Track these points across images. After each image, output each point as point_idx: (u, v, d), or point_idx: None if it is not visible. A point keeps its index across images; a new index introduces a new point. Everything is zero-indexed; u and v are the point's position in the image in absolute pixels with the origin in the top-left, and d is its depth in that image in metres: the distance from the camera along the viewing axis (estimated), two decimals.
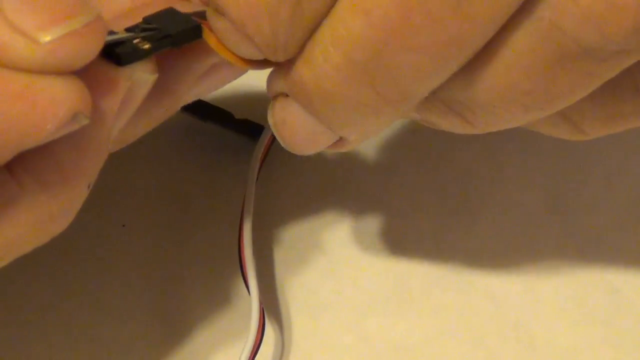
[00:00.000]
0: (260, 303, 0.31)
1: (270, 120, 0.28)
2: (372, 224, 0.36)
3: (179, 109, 0.29)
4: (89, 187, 0.26)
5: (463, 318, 0.34)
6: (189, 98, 0.29)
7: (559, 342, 0.34)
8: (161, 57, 0.26)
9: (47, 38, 0.22)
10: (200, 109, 0.36)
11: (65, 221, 0.26)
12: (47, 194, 0.25)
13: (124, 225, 0.36)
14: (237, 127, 0.36)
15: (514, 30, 0.24)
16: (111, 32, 0.25)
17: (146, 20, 0.26)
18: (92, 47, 0.23)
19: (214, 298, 0.34)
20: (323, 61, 0.25)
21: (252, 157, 0.33)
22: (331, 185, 0.36)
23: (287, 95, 0.27)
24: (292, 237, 0.35)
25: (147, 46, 0.25)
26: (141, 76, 0.26)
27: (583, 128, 0.27)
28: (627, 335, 0.34)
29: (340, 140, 0.27)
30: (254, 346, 0.31)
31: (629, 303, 0.34)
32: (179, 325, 0.33)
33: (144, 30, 0.26)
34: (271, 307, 0.34)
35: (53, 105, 0.23)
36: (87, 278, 0.34)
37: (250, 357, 0.31)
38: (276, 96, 0.27)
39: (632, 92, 0.26)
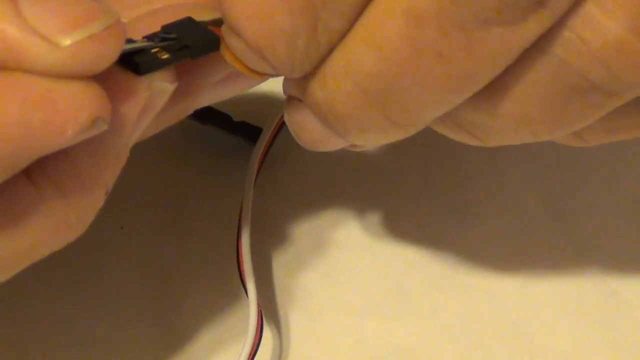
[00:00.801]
0: (258, 306, 0.31)
1: (286, 119, 0.28)
2: (371, 225, 0.36)
3: (192, 111, 0.29)
4: (106, 193, 0.26)
5: (461, 320, 0.34)
6: (205, 102, 0.29)
7: (557, 344, 0.34)
8: (181, 62, 0.26)
9: (67, 42, 0.23)
10: (198, 112, 0.35)
11: (81, 227, 0.26)
12: (65, 200, 0.25)
13: (122, 227, 0.36)
14: (235, 129, 0.36)
15: (525, 65, 0.24)
16: (130, 41, 0.25)
17: (165, 29, 0.26)
18: (112, 51, 0.23)
19: (212, 301, 0.34)
20: (335, 87, 0.25)
21: (250, 159, 0.33)
22: (330, 187, 0.36)
23: (301, 100, 0.27)
24: (290, 239, 0.35)
25: (165, 56, 0.25)
26: (160, 85, 0.26)
27: (586, 138, 0.28)
28: (625, 337, 0.34)
29: (354, 144, 0.28)
30: (252, 349, 0.31)
31: (628, 305, 0.34)
32: (176, 327, 0.33)
33: (163, 39, 0.26)
34: (269, 310, 0.34)
35: (74, 110, 0.23)
36: (85, 280, 0.34)
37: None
38: (291, 97, 0.27)
39: (634, 106, 0.26)
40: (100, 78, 0.24)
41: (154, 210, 0.36)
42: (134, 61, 0.25)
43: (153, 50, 0.25)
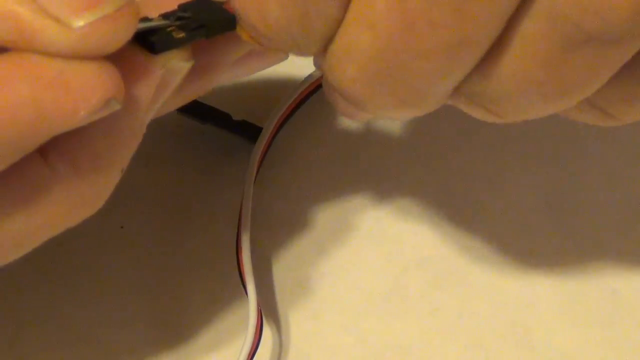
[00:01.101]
0: (258, 304, 0.31)
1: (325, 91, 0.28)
2: (371, 224, 0.36)
3: (211, 88, 0.29)
4: (122, 171, 0.26)
5: (462, 319, 0.34)
6: (225, 80, 0.29)
7: (557, 342, 0.34)
8: (197, 41, 0.26)
9: (79, 23, 0.23)
10: (198, 110, 0.35)
11: (97, 204, 0.26)
12: (80, 179, 0.25)
13: (122, 227, 0.36)
14: (235, 128, 0.36)
15: (518, 22, 0.24)
16: (146, 19, 0.25)
17: (181, 7, 0.26)
18: (124, 31, 0.23)
19: (212, 299, 0.34)
20: (340, 71, 0.25)
21: (250, 158, 0.33)
22: (330, 186, 0.36)
23: None
24: (290, 238, 0.35)
25: (181, 35, 0.25)
26: (176, 64, 0.26)
27: (612, 113, 0.27)
28: (625, 336, 0.34)
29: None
30: (251, 347, 0.31)
31: (628, 304, 0.34)
32: (176, 326, 0.33)
33: (179, 18, 0.26)
34: (269, 309, 0.34)
35: (86, 91, 0.23)
36: (84, 279, 0.34)
37: (248, 359, 0.31)
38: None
39: None
40: (115, 57, 0.24)
41: (154, 210, 0.36)
42: (149, 40, 0.25)
43: (169, 29, 0.25)
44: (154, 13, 0.26)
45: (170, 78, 0.26)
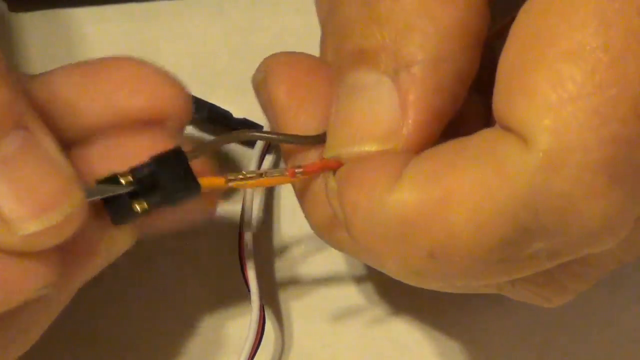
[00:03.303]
0: (261, 301, 0.31)
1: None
2: None
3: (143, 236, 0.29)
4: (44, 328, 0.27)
5: (464, 316, 0.34)
6: (157, 230, 0.29)
7: (560, 341, 0.34)
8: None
9: (27, 230, 0.23)
10: (199, 108, 0.35)
11: (23, 351, 0.27)
12: (4, 348, 0.26)
13: None
14: (235, 126, 0.36)
15: None
16: (114, 177, 0.25)
17: (153, 160, 0.26)
18: (69, 234, 0.24)
19: (214, 296, 0.34)
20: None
21: (251, 156, 0.33)
22: None
23: None
24: (292, 234, 0.35)
25: (142, 206, 0.25)
26: (123, 239, 0.26)
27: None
28: (626, 336, 0.34)
29: None
30: (254, 344, 0.31)
31: (628, 303, 0.34)
32: (178, 323, 0.33)
33: (146, 177, 0.25)
34: (271, 305, 0.34)
35: (23, 284, 0.23)
36: None
37: (250, 355, 0.31)
38: None
39: None
40: None
41: None
42: (107, 209, 0.25)
43: (131, 196, 0.25)
44: (124, 166, 0.25)
45: (112, 252, 0.26)
